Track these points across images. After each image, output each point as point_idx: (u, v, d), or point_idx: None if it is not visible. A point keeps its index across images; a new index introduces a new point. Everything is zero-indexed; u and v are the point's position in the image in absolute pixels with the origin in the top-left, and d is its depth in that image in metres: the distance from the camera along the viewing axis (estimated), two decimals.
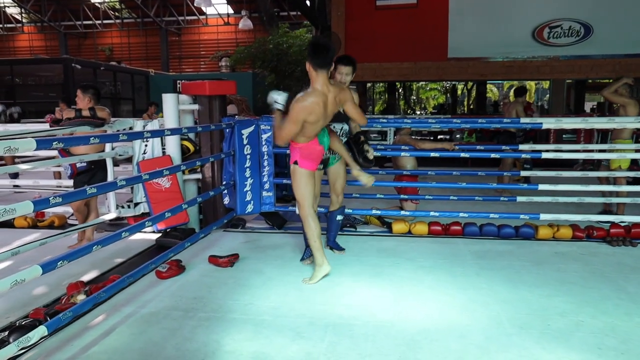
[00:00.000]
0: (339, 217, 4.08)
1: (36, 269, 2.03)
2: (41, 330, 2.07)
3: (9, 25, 24.09)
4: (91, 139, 2.39)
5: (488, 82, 18.22)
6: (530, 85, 21.56)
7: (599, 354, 2.44)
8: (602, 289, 3.31)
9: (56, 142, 2.06)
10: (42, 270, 2.05)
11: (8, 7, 23.35)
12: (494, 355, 2.43)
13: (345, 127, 3.96)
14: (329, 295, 3.20)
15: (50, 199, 2.03)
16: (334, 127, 3.86)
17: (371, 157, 3.81)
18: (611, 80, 5.61)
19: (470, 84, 18.63)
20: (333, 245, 4.12)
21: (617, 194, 5.00)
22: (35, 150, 1.96)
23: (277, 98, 3.39)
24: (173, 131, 3.79)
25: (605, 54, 11.31)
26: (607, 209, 5.26)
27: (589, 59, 11.42)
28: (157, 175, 3.29)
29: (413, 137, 5.09)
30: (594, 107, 18.24)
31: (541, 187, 4.51)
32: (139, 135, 3.32)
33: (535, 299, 3.13)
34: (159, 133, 3.82)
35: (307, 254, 3.85)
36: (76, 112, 4.07)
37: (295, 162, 3.45)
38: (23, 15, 23.83)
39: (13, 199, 6.52)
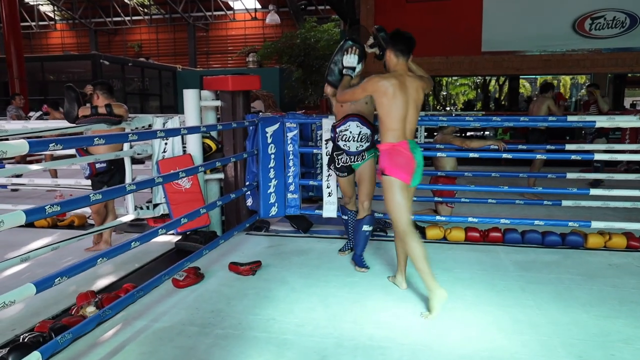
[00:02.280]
0: (366, 228, 3.54)
1: (29, 287, 1.80)
2: (35, 357, 1.84)
3: (42, 23, 24.51)
4: (95, 139, 2.16)
5: (522, 77, 17.55)
6: (565, 80, 20.70)
7: None
8: None
9: (53, 144, 1.83)
10: (37, 288, 1.82)
11: (42, 5, 23.73)
12: None
13: (365, 130, 3.53)
14: (358, 311, 2.91)
15: (47, 207, 1.80)
16: (350, 129, 3.53)
17: None
18: None
19: (502, 79, 17.97)
20: (357, 261, 3.60)
21: None
22: (28, 152, 1.74)
23: (353, 63, 3.38)
24: (190, 130, 3.54)
25: None
26: None
27: (635, 51, 10.76)
28: (171, 178, 3.05)
29: (458, 135, 4.73)
30: (635, 102, 17.36)
31: (593, 191, 4.11)
32: (151, 135, 3.09)
33: (593, 322, 2.77)
34: (174, 132, 3.58)
35: (348, 247, 3.94)
36: (92, 109, 3.88)
37: (383, 173, 2.98)
38: (55, 12, 24.20)
39: (46, 198, 6.44)
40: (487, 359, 2.37)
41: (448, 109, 23.57)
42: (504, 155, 4.23)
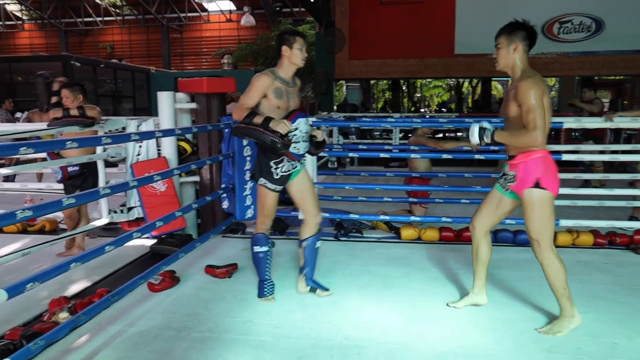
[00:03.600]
0: (319, 245, 3.22)
1: (0, 293, 1.77)
2: None
3: (9, 23, 23.87)
4: (68, 143, 2.13)
5: (494, 79, 17.91)
6: None
7: None
8: (633, 304, 3.04)
9: (24, 148, 1.80)
10: (8, 295, 1.79)
11: (8, 4, 23.12)
12: None
13: (309, 128, 3.04)
14: (335, 312, 2.93)
15: (18, 212, 1.77)
16: (300, 127, 2.93)
17: (320, 139, 3.09)
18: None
19: (475, 81, 18.30)
20: (314, 285, 3.18)
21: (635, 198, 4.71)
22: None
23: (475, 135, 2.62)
24: (164, 133, 3.51)
25: (617, 49, 10.99)
26: (637, 215, 4.95)
27: (600, 55, 11.11)
28: (146, 182, 3.02)
29: (431, 136, 4.81)
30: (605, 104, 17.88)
31: (561, 190, 4.22)
32: (125, 138, 3.06)
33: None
34: (148, 135, 3.54)
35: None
36: (64, 111, 3.81)
37: (537, 184, 2.53)
38: (23, 12, 23.59)
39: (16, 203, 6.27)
40: (463, 356, 2.42)
41: (422, 110, 23.87)
42: (476, 156, 4.32)
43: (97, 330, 2.67)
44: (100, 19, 22.95)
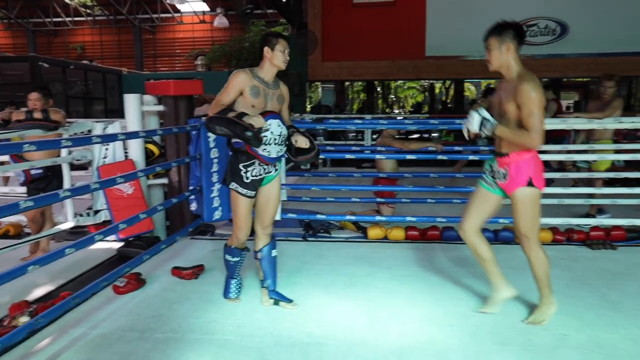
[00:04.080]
0: (275, 253, 3.09)
1: None
2: None
3: None
4: (25, 146, 2.13)
5: (466, 80, 18.24)
6: None
7: None
8: (584, 297, 3.17)
9: None
10: None
11: None
12: None
13: (285, 131, 2.89)
14: (299, 310, 2.99)
15: None
16: (271, 128, 2.77)
17: (303, 146, 2.89)
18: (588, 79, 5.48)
19: (448, 82, 18.61)
20: (277, 297, 3.06)
21: (593, 196, 4.89)
22: None
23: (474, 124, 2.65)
24: (128, 135, 3.51)
25: (581, 52, 11.34)
26: (592, 213, 5.13)
27: (565, 57, 11.44)
28: (110, 184, 3.02)
29: (397, 137, 4.91)
30: (570, 105, 18.38)
31: None
32: (86, 141, 3.06)
33: (517, 311, 2.97)
34: (111, 138, 3.54)
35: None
36: (27, 113, 3.78)
37: (530, 183, 2.62)
38: None
39: None
40: (420, 351, 2.50)
41: (397, 111, 24.13)
42: (439, 157, 4.43)
43: (59, 333, 2.67)
44: (69, 19, 22.53)
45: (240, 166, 2.85)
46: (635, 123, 4.71)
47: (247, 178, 2.85)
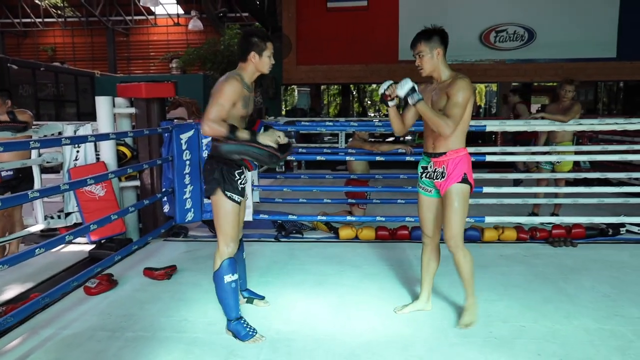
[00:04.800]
0: (244, 256, 3.07)
1: None
2: None
3: None
4: None
5: None
6: (480, 88, 22.12)
7: None
8: (543, 291, 3.32)
9: None
10: None
11: None
12: None
13: None
14: (269, 308, 3.05)
15: None
16: None
17: (284, 141, 2.65)
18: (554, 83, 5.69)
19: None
20: (250, 295, 3.11)
21: (556, 195, 5.09)
22: None
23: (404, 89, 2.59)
24: (98, 137, 3.53)
25: (548, 58, 11.70)
26: (536, 212, 5.31)
27: (533, 62, 11.79)
28: (81, 185, 3.04)
29: (368, 140, 5.01)
30: (539, 109, 18.89)
31: (485, 189, 4.53)
32: (55, 142, 3.06)
33: (480, 305, 3.06)
34: (81, 140, 3.55)
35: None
36: None
37: (465, 179, 2.71)
38: None
39: None
40: (387, 344, 2.60)
41: (372, 115, 24.36)
42: (407, 158, 4.56)
43: (29, 334, 2.68)
44: (40, 20, 22.10)
45: (236, 173, 2.64)
46: (595, 125, 4.90)
47: (240, 186, 2.68)
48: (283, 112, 13.88)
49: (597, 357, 2.44)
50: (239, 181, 2.67)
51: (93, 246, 4.22)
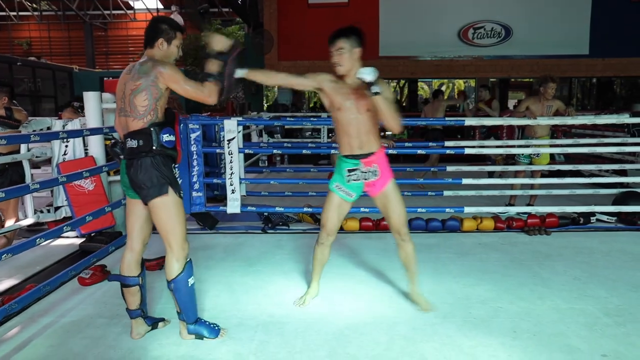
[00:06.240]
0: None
1: None
2: None
3: None
4: None
5: (419, 80, 18.85)
6: (460, 83, 22.48)
7: (513, 336, 2.60)
8: (519, 276, 3.52)
9: None
10: None
11: None
12: (419, 345, 2.53)
13: None
14: (261, 295, 3.19)
15: None
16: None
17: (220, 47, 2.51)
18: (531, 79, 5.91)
19: (402, 82, 19.16)
20: (153, 320, 2.71)
21: (532, 187, 5.32)
22: None
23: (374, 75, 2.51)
24: (92, 131, 3.60)
25: (524, 54, 12.01)
26: (512, 202, 5.53)
27: (510, 59, 12.09)
28: (75, 178, 3.12)
29: None
30: (516, 104, 19.30)
31: (465, 181, 4.73)
32: (53, 136, 3.14)
33: (460, 289, 3.28)
34: (76, 134, 3.62)
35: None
36: None
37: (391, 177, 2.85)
38: None
39: None
40: (372, 325, 2.75)
41: None
42: (390, 151, 4.72)
43: (28, 322, 2.77)
44: (14, 13, 21.67)
45: (174, 168, 2.50)
46: (566, 120, 5.14)
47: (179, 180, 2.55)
48: (265, 108, 13.95)
49: (567, 332, 2.64)
50: (177, 176, 2.52)
51: (83, 239, 4.29)
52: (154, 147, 2.34)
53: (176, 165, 2.54)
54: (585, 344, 2.52)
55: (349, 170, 2.81)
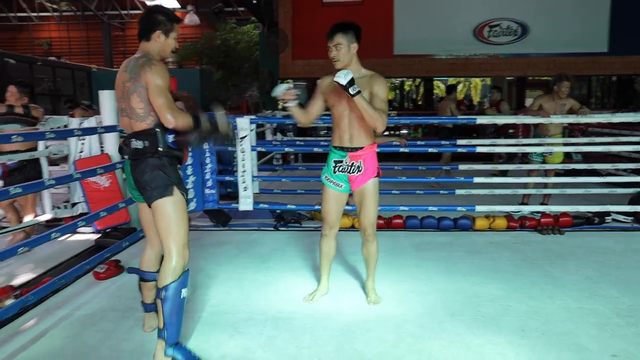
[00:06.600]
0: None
1: None
2: None
3: None
4: (13, 137, 2.29)
5: (434, 78, 18.72)
6: (476, 82, 22.29)
7: (522, 335, 2.59)
8: (530, 275, 3.50)
9: None
10: None
11: None
12: (426, 343, 2.54)
13: None
14: (271, 291, 3.22)
15: None
16: None
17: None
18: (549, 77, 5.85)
19: (418, 80, 19.07)
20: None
21: (546, 186, 5.27)
22: None
23: (347, 78, 2.49)
24: (107, 129, 3.67)
25: (541, 52, 11.85)
26: (525, 201, 5.48)
27: (526, 57, 11.95)
28: (90, 174, 3.19)
29: None
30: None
31: (476, 179, 4.71)
32: (69, 133, 3.21)
33: (470, 287, 3.28)
34: (91, 131, 3.70)
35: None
36: (8, 108, 3.89)
37: (378, 173, 2.89)
38: None
39: None
40: (380, 322, 2.77)
41: None
42: (401, 150, 4.73)
43: (44, 314, 2.84)
44: (35, 14, 22.08)
45: (179, 169, 2.43)
46: (580, 119, 5.06)
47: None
48: (280, 106, 14.02)
49: (577, 332, 2.63)
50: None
51: (99, 235, 4.37)
52: (159, 148, 2.26)
53: (180, 166, 2.48)
54: (595, 344, 2.51)
55: (335, 162, 2.89)
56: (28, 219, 4.13)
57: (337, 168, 2.88)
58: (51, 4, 21.99)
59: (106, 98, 4.42)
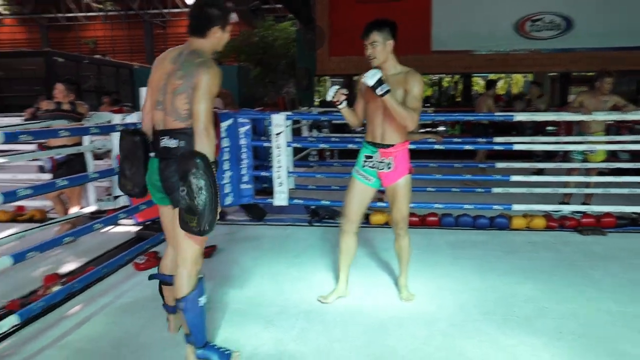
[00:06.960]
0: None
1: (5, 260, 2.06)
2: (12, 319, 2.10)
3: None
4: (60, 132, 2.41)
5: (473, 75, 18.37)
6: (518, 78, 21.74)
7: (558, 337, 2.54)
8: (569, 276, 3.41)
9: (24, 135, 2.09)
10: (14, 260, 2.08)
11: None
12: (458, 341, 2.52)
13: None
14: (304, 285, 3.27)
15: (19, 191, 2.06)
16: None
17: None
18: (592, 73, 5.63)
19: (456, 76, 18.75)
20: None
21: (588, 185, 5.11)
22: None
23: (374, 78, 2.52)
24: None
25: (585, 47, 11.44)
26: (566, 201, 5.31)
27: (570, 52, 11.56)
28: None
29: None
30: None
31: (513, 178, 4.62)
32: (110, 129, 3.34)
33: (504, 287, 3.23)
34: (132, 127, 3.82)
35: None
36: (56, 104, 4.08)
37: (410, 171, 2.89)
38: (4, 7, 23.46)
39: None
40: (413, 319, 2.77)
41: None
42: (436, 147, 4.69)
43: (89, 301, 2.98)
44: (82, 14, 22.93)
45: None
46: (623, 116, 4.88)
47: None
48: (316, 103, 14.07)
49: (617, 336, 2.55)
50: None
51: (139, 227, 4.53)
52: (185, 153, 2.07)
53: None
54: (637, 349, 2.44)
55: (366, 157, 2.90)
56: (74, 210, 4.31)
57: (367, 163, 2.89)
58: (97, 4, 22.77)
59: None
